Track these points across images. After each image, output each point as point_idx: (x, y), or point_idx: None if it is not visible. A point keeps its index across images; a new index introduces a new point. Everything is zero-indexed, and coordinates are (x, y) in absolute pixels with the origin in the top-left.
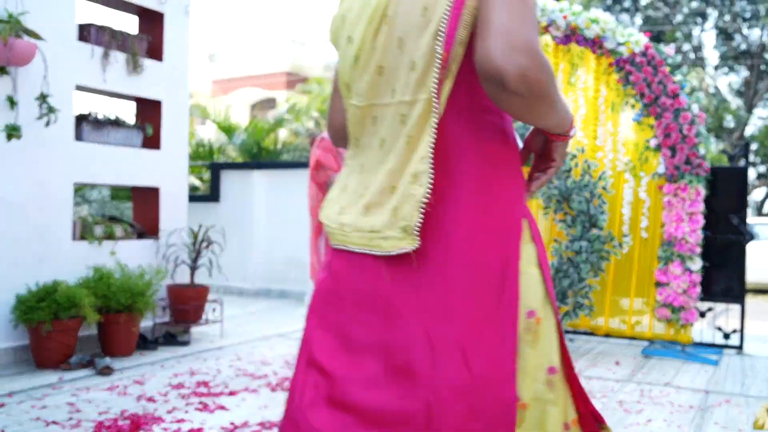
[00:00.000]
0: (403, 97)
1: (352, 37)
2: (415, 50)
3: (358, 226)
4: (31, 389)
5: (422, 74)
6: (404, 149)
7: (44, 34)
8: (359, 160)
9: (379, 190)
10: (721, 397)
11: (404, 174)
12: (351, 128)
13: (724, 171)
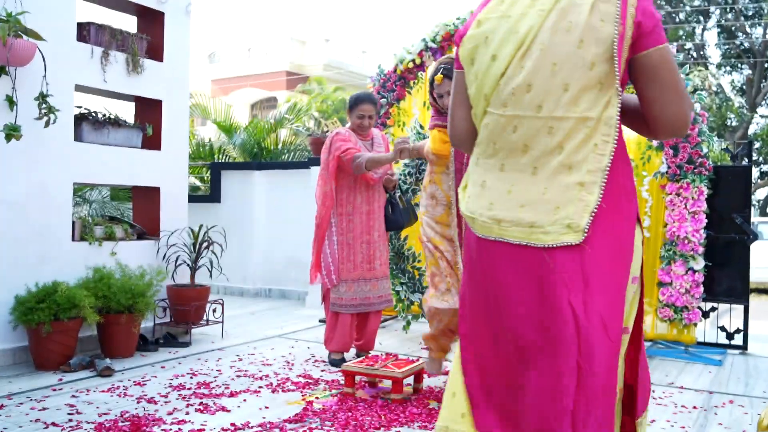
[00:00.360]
0: (553, 113)
1: (497, 56)
2: (570, 75)
3: (516, 221)
4: (30, 391)
5: (575, 96)
6: (554, 157)
7: (44, 33)
8: (497, 160)
9: (533, 192)
10: (725, 398)
11: (564, 180)
12: (487, 133)
13: (727, 170)
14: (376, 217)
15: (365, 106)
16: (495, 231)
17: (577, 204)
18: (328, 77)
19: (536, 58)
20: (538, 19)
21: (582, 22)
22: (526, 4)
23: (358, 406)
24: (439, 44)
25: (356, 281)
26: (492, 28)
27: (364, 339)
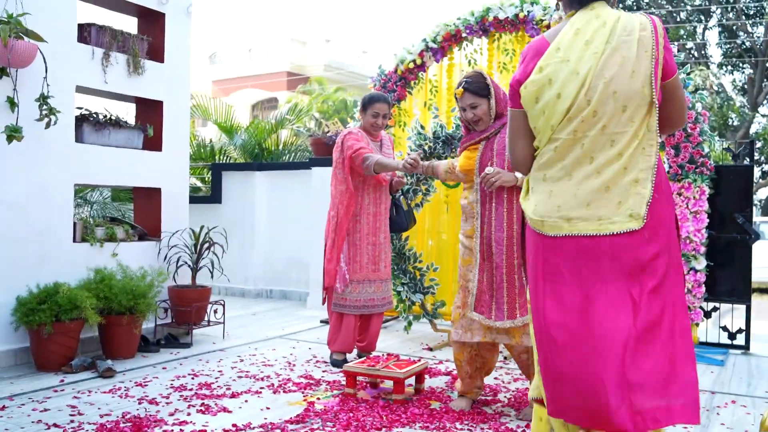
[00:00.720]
0: (614, 129)
1: (561, 95)
2: (627, 99)
3: (584, 217)
4: (32, 392)
5: (631, 113)
6: (615, 163)
7: (44, 35)
8: (565, 172)
9: (598, 192)
10: (728, 398)
11: (623, 179)
12: (555, 152)
13: (729, 169)
14: (382, 219)
15: (380, 105)
16: (565, 228)
17: (635, 197)
18: (329, 78)
19: (601, 90)
20: (594, 60)
21: (633, 56)
22: (581, 48)
23: (359, 407)
24: (439, 44)
25: (361, 282)
26: (554, 72)
27: (366, 340)
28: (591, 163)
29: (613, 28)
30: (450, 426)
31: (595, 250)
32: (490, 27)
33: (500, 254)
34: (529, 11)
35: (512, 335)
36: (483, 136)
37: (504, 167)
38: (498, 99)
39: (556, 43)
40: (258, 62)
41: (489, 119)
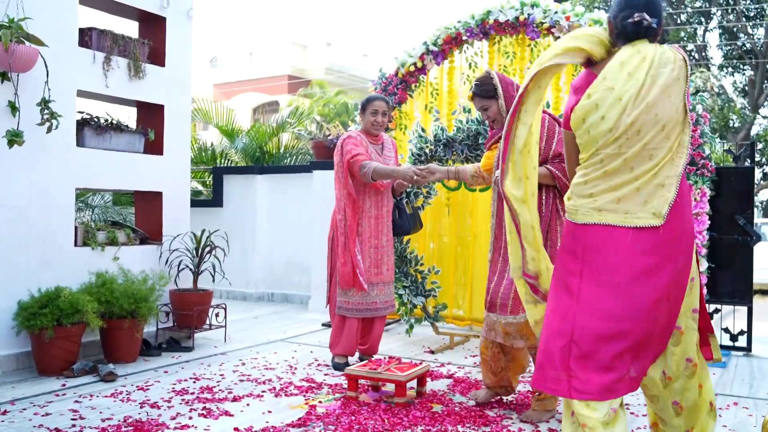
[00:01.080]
0: (653, 145)
1: (605, 117)
2: (666, 119)
3: (612, 210)
4: (33, 396)
5: (668, 132)
6: (650, 171)
7: (46, 39)
8: (608, 179)
9: (629, 192)
10: (729, 400)
11: (650, 184)
12: (601, 164)
13: (730, 171)
14: (384, 222)
15: (378, 103)
16: (595, 217)
17: (659, 198)
18: (330, 81)
19: (643, 113)
20: (635, 89)
21: (670, 82)
22: (624, 78)
23: (361, 410)
24: (440, 47)
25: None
26: (600, 98)
27: (368, 344)
28: (630, 173)
29: (652, 61)
30: (452, 429)
31: (614, 239)
32: (491, 30)
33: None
34: (529, 14)
35: (527, 337)
36: (500, 134)
37: None
38: (508, 98)
39: (603, 74)
40: (259, 66)
41: (502, 118)
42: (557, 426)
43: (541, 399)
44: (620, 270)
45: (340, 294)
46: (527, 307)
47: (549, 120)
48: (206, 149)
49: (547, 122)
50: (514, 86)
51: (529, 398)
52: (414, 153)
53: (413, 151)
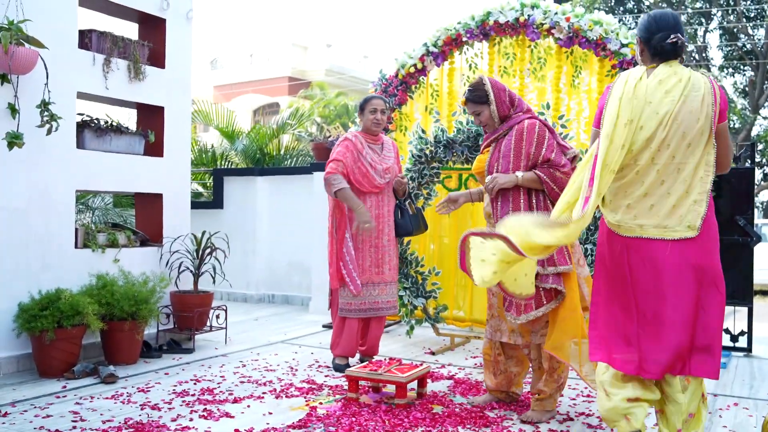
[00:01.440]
0: (680, 159)
1: (644, 127)
2: (692, 138)
3: (654, 224)
4: (34, 398)
5: (693, 148)
6: (682, 186)
7: (45, 41)
8: (643, 190)
9: (667, 207)
10: (730, 400)
11: (686, 200)
12: (637, 174)
13: (730, 172)
14: (385, 221)
15: (376, 101)
16: (636, 231)
17: (693, 213)
18: (330, 82)
19: (674, 129)
20: (671, 106)
21: (698, 107)
22: (662, 95)
23: (362, 412)
24: (440, 49)
25: (365, 285)
26: (636, 114)
27: (367, 344)
28: (663, 185)
29: (686, 84)
30: (452, 430)
31: (653, 251)
32: (491, 31)
33: None
34: (529, 15)
35: (523, 335)
36: (491, 138)
37: (509, 169)
38: (499, 103)
39: (643, 88)
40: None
41: (494, 123)
42: (558, 426)
43: (540, 399)
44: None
45: (343, 296)
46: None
47: (539, 126)
48: (206, 151)
49: (537, 128)
50: (506, 92)
51: (529, 399)
52: (414, 154)
53: (413, 153)
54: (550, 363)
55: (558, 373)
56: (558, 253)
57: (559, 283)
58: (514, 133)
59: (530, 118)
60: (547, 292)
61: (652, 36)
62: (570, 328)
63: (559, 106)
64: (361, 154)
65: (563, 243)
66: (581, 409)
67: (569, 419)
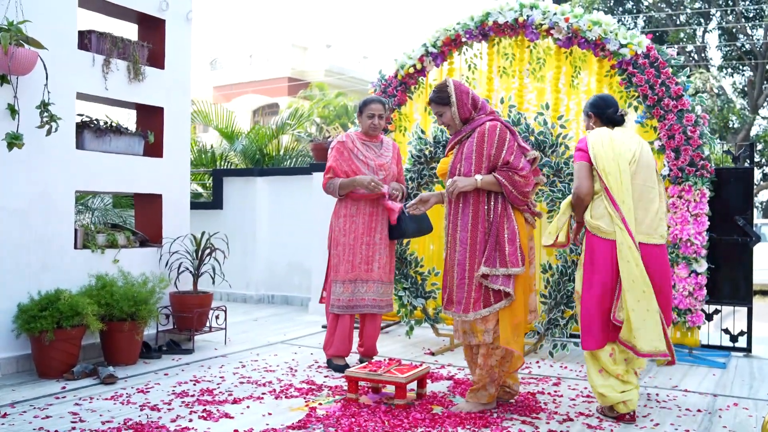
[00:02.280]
0: (649, 184)
1: (622, 156)
2: (650, 170)
3: (644, 233)
4: (33, 399)
5: (653, 180)
6: (655, 208)
7: (45, 42)
8: (627, 205)
9: (649, 222)
10: (730, 401)
11: (656, 216)
12: (622, 194)
13: (729, 172)
14: (379, 219)
15: (374, 105)
16: (644, 239)
17: (662, 226)
18: (330, 83)
19: (642, 163)
20: (638, 147)
21: (649, 158)
22: (625, 142)
23: (361, 412)
24: (439, 49)
25: (353, 282)
26: (616, 153)
27: (365, 345)
28: (641, 202)
29: (639, 142)
30: (452, 430)
31: (647, 251)
32: (490, 31)
33: (463, 253)
34: (528, 15)
35: (476, 334)
36: (455, 140)
37: (471, 170)
38: (461, 105)
39: (609, 141)
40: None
41: (456, 125)
42: (557, 427)
43: (473, 390)
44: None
45: (333, 292)
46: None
47: (501, 128)
48: (206, 151)
49: (499, 130)
50: (469, 95)
51: (530, 399)
52: (414, 155)
53: (413, 153)
54: (485, 359)
55: (494, 369)
56: (511, 255)
57: (507, 285)
58: (476, 135)
59: (492, 120)
60: (496, 293)
61: (604, 111)
62: (519, 326)
63: (559, 107)
64: (352, 152)
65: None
66: (581, 409)
67: (569, 419)
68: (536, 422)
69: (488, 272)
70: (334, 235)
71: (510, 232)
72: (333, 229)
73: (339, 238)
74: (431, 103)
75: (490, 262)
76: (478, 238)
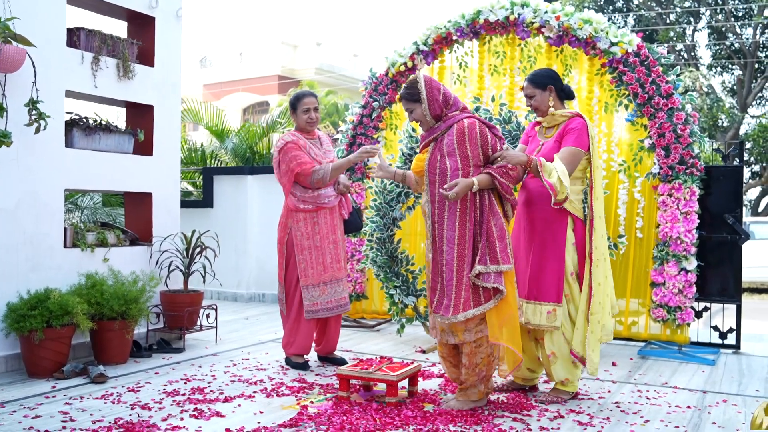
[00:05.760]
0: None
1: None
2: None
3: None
4: (23, 398)
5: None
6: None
7: (33, 39)
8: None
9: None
10: (719, 397)
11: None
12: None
13: (719, 170)
14: (336, 216)
15: (308, 99)
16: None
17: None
18: (320, 81)
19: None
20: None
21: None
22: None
23: (353, 410)
24: (430, 47)
25: (329, 283)
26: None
27: (326, 343)
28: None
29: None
30: (443, 428)
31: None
32: (481, 29)
33: (451, 252)
34: (519, 14)
35: (455, 333)
36: (430, 138)
37: (457, 167)
38: (431, 101)
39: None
40: (249, 66)
41: (427, 122)
42: (548, 424)
43: (462, 389)
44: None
45: (306, 296)
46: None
47: (479, 125)
48: (196, 150)
49: (478, 127)
50: (440, 91)
51: (520, 396)
52: (405, 153)
53: (404, 151)
54: (470, 358)
55: (480, 367)
56: (502, 252)
57: (500, 282)
58: (454, 133)
59: (469, 118)
60: (486, 291)
61: (562, 85)
62: (511, 321)
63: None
64: (306, 151)
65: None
66: (572, 406)
67: (560, 416)
68: (527, 419)
69: (483, 270)
70: (296, 240)
71: (499, 229)
72: (293, 235)
73: (303, 242)
74: (402, 100)
75: (483, 260)
76: (467, 237)
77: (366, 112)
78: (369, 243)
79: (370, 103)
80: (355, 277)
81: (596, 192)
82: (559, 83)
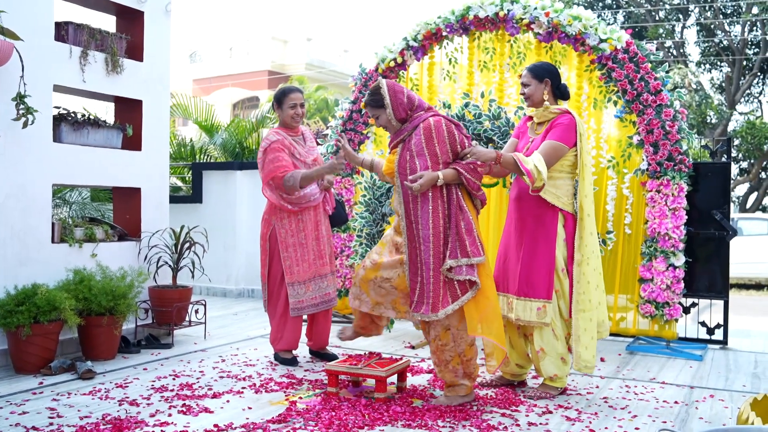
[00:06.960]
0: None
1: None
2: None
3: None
4: (10, 395)
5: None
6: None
7: (21, 33)
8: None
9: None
10: (706, 392)
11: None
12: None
13: (707, 167)
14: (321, 211)
15: (293, 95)
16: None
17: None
18: (310, 76)
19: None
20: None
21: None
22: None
23: (341, 406)
24: (420, 43)
25: (313, 279)
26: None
27: (316, 338)
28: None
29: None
30: (432, 423)
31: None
32: (471, 25)
33: (428, 251)
34: (509, 10)
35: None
36: (398, 139)
37: (427, 166)
38: (396, 105)
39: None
40: (239, 61)
41: (393, 125)
42: (537, 419)
43: (449, 386)
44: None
45: (292, 294)
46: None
47: (446, 123)
48: (185, 145)
49: (444, 125)
50: (404, 94)
51: (509, 392)
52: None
53: None
54: (437, 355)
55: (452, 364)
56: (471, 245)
57: (472, 274)
58: (421, 132)
59: (434, 116)
60: (462, 284)
61: (559, 83)
62: (492, 312)
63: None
64: (291, 152)
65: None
66: (560, 401)
67: (548, 412)
68: (515, 415)
69: (454, 264)
70: (281, 237)
71: (466, 223)
72: (278, 232)
73: (287, 240)
74: (366, 107)
75: (454, 254)
76: (441, 234)
77: (356, 107)
78: (358, 239)
79: (360, 98)
80: (344, 273)
81: (585, 189)
82: (557, 80)
